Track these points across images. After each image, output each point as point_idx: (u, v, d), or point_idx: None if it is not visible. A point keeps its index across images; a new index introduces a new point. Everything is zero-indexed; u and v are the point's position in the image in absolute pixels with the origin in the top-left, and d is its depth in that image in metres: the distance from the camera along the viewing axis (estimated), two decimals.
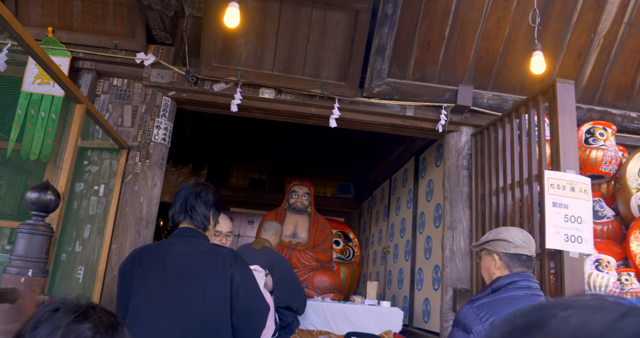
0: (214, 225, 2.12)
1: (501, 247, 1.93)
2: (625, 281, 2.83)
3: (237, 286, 1.87)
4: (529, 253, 1.91)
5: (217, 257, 1.91)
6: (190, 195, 2.04)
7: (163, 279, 1.89)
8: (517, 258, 1.91)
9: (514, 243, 1.92)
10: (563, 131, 2.76)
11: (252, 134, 6.85)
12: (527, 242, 1.93)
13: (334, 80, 3.65)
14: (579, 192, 2.68)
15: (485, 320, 1.74)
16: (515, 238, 1.93)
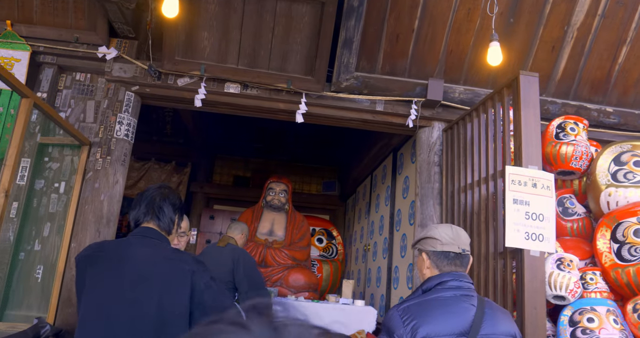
0: (176, 230, 2.03)
1: (429, 246, 1.84)
2: (590, 280, 2.74)
3: (201, 292, 1.79)
4: (457, 250, 1.82)
5: (177, 264, 1.81)
6: (158, 196, 1.96)
7: (117, 282, 1.80)
8: (445, 256, 1.81)
9: (441, 241, 1.83)
10: (526, 125, 2.67)
11: (236, 131, 6.77)
12: (456, 238, 1.84)
13: (300, 75, 3.57)
14: (542, 188, 2.59)
15: (407, 324, 1.66)
16: (443, 235, 1.84)
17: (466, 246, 1.87)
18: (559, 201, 3.29)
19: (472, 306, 1.73)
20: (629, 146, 3.06)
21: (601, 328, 2.46)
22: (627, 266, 2.68)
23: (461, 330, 1.67)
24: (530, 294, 2.47)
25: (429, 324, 1.66)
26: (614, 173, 3.02)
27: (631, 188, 2.92)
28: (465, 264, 1.86)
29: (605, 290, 2.72)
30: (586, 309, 2.55)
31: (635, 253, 2.69)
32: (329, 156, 7.07)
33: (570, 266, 2.62)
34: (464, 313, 1.70)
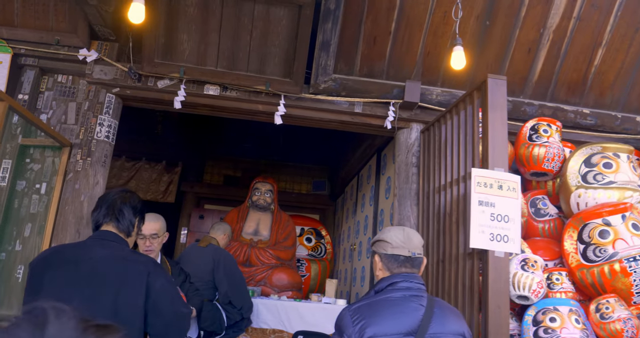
0: (137, 233, 2.08)
1: (381, 248, 1.89)
2: (556, 281, 2.78)
3: (157, 294, 1.82)
4: (407, 253, 1.86)
5: (135, 265, 1.85)
6: (119, 199, 2.01)
7: (74, 282, 1.84)
8: (395, 259, 1.86)
9: (392, 244, 1.87)
10: (493, 128, 2.71)
11: (226, 131, 6.82)
12: (407, 242, 1.88)
13: (279, 77, 3.61)
14: (507, 190, 2.63)
15: (356, 324, 1.70)
16: (394, 238, 1.88)
17: (418, 249, 1.91)
18: (532, 202, 3.33)
19: (421, 306, 1.77)
20: (599, 148, 3.09)
21: (562, 327, 2.51)
22: (592, 267, 2.72)
23: (409, 329, 1.71)
24: (494, 294, 2.51)
25: (377, 324, 1.70)
26: (584, 174, 3.06)
27: (600, 189, 2.96)
28: (417, 266, 1.90)
29: (571, 290, 2.76)
30: (549, 309, 2.60)
31: (600, 254, 2.73)
32: (319, 156, 7.11)
33: (535, 267, 2.67)
34: (413, 312, 1.75)
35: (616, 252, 2.69)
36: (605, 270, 2.66)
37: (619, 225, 2.74)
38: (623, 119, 3.90)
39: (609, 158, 3.05)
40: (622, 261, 2.63)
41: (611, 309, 2.54)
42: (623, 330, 2.48)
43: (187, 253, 3.85)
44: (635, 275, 2.61)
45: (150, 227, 3.03)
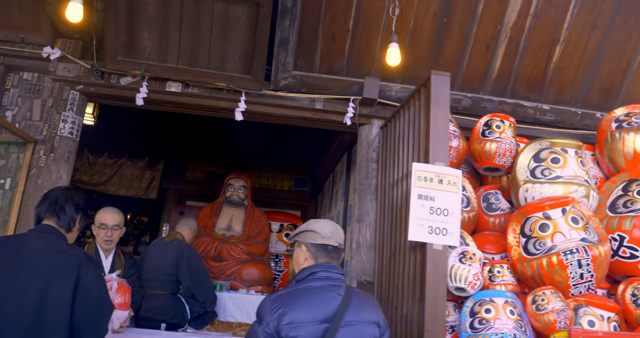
0: (79, 229, 2.14)
1: (309, 238, 1.96)
2: (498, 273, 2.83)
3: (85, 286, 1.88)
4: (335, 243, 1.94)
5: (68, 257, 1.91)
6: (62, 196, 2.08)
7: (9, 272, 1.91)
8: (324, 248, 1.93)
9: (321, 234, 1.95)
10: (435, 123, 2.76)
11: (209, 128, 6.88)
12: (334, 233, 1.96)
13: (239, 74, 3.66)
14: (447, 184, 2.68)
15: (275, 311, 1.77)
16: (323, 229, 1.96)
17: (342, 240, 1.99)
18: (484, 196, 3.38)
19: (339, 295, 1.84)
20: (548, 143, 3.14)
21: (496, 318, 2.56)
22: (532, 259, 2.77)
23: (325, 317, 1.78)
24: (432, 285, 2.57)
25: (294, 311, 1.76)
26: (533, 169, 3.10)
27: (546, 184, 3.01)
28: (338, 257, 1.98)
29: (512, 282, 2.81)
30: (485, 300, 2.65)
31: (540, 247, 2.78)
32: (300, 153, 7.16)
33: (473, 259, 2.72)
34: (330, 301, 1.81)
35: (554, 245, 2.74)
36: (543, 263, 2.71)
37: (559, 219, 2.79)
38: (583, 115, 3.94)
39: (557, 153, 3.10)
40: (560, 254, 2.68)
41: (546, 301, 2.59)
42: (556, 321, 2.53)
43: (152, 247, 3.92)
44: (572, 267, 2.66)
45: (114, 218, 3.13)
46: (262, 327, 1.77)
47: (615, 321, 2.70)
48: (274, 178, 7.34)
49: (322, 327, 1.75)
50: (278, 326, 1.74)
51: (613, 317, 2.70)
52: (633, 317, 2.74)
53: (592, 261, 2.67)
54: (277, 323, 1.74)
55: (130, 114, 6.63)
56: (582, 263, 2.66)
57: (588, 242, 2.73)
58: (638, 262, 2.92)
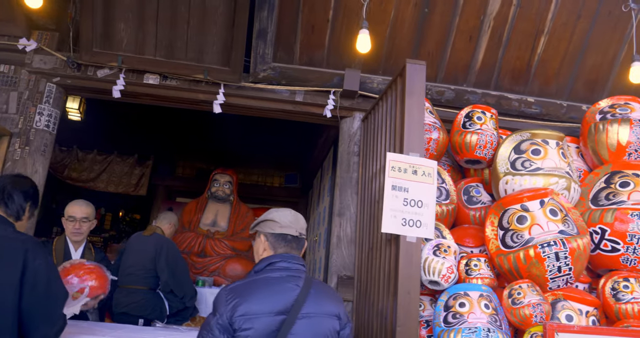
0: (29, 217, 2.10)
1: (269, 228, 1.91)
2: (474, 267, 2.76)
3: (33, 272, 1.84)
4: (295, 233, 1.88)
5: (14, 242, 1.88)
6: (10, 184, 2.04)
7: None
8: (283, 238, 1.88)
9: (280, 223, 1.89)
10: (409, 113, 2.70)
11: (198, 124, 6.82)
12: (294, 222, 1.90)
13: (217, 65, 3.61)
14: (422, 175, 2.62)
15: (229, 303, 1.71)
16: (282, 218, 1.90)
17: (303, 230, 1.93)
18: (465, 189, 3.32)
19: (297, 286, 1.78)
20: (529, 135, 3.07)
21: (470, 312, 2.49)
22: (509, 252, 2.70)
23: (281, 308, 1.72)
24: (405, 279, 2.50)
25: (249, 303, 1.71)
26: (513, 161, 3.04)
27: (526, 176, 2.94)
28: (299, 247, 1.92)
29: (488, 276, 2.75)
30: (460, 294, 2.58)
31: (517, 239, 2.71)
32: (291, 149, 7.10)
33: (447, 252, 2.65)
34: (287, 292, 1.75)
35: (532, 237, 2.67)
36: (520, 256, 2.64)
37: (537, 211, 2.72)
38: (569, 107, 3.88)
39: (538, 144, 3.03)
40: (537, 247, 2.61)
41: (523, 294, 2.53)
42: (532, 315, 2.46)
43: (131, 241, 3.87)
44: (549, 260, 2.59)
45: (82, 210, 3.09)
46: (215, 318, 1.71)
47: (594, 315, 2.64)
48: (264, 175, 7.29)
49: (278, 318, 1.70)
50: (231, 317, 1.68)
51: (592, 311, 2.63)
52: (612, 311, 2.67)
53: (570, 254, 2.60)
54: (230, 315, 1.68)
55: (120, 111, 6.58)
56: (560, 256, 2.60)
57: (566, 235, 2.66)
58: (619, 256, 2.86)
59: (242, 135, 7.00)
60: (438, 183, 3.14)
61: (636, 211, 2.85)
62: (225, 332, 1.68)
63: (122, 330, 2.52)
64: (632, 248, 2.83)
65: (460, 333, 2.42)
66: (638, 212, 2.84)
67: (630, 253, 2.84)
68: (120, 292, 3.63)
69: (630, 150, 3.15)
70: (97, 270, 2.65)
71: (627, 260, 2.85)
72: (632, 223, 2.83)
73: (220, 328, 1.69)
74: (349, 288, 3.46)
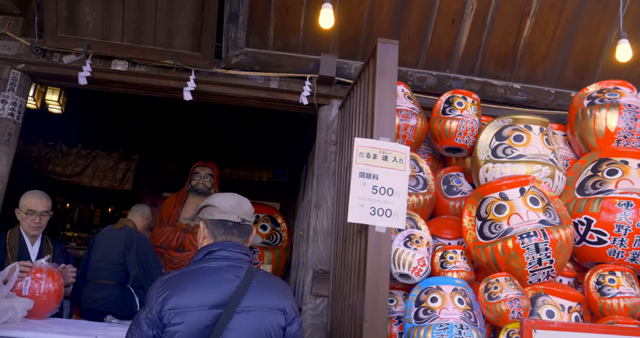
0: None
1: (208, 214, 1.76)
2: (450, 259, 2.60)
3: None
4: (236, 219, 1.72)
5: None
6: None
7: None
8: (222, 224, 1.72)
9: (220, 209, 1.74)
10: (380, 95, 2.54)
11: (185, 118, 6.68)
12: (236, 208, 1.75)
13: (187, 51, 3.45)
14: (393, 161, 2.46)
15: (160, 295, 1.57)
16: (223, 203, 1.75)
17: (247, 216, 1.77)
18: (445, 179, 3.15)
19: (237, 277, 1.63)
20: (511, 120, 2.91)
21: (442, 307, 2.33)
22: (487, 244, 2.54)
23: (216, 301, 1.56)
24: (373, 271, 2.35)
25: (180, 295, 1.56)
26: (495, 148, 2.87)
27: (508, 163, 2.78)
28: (244, 234, 1.77)
29: (465, 269, 2.58)
30: (432, 288, 2.42)
31: (495, 230, 2.55)
32: (280, 143, 6.95)
33: (419, 243, 2.49)
34: (225, 284, 1.60)
35: (511, 227, 2.51)
36: (498, 248, 2.48)
37: (516, 199, 2.56)
38: (557, 94, 3.71)
39: (520, 130, 2.87)
40: (516, 237, 2.45)
41: (500, 289, 2.36)
42: (509, 311, 2.30)
43: (100, 235, 3.73)
44: (529, 252, 2.43)
45: (43, 204, 2.95)
46: (145, 312, 1.57)
47: (577, 311, 2.47)
48: (252, 170, 7.13)
49: (213, 312, 1.54)
50: (161, 311, 1.53)
51: (575, 306, 2.47)
52: (597, 307, 2.51)
53: (551, 245, 2.44)
54: (160, 308, 1.53)
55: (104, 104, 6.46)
56: (540, 247, 2.43)
57: (548, 225, 2.50)
58: (606, 248, 2.69)
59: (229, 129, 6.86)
60: (415, 171, 2.97)
61: (624, 200, 2.68)
62: (155, 326, 1.53)
63: (71, 325, 2.37)
64: (620, 240, 2.66)
65: (430, 330, 2.26)
66: (626, 202, 2.68)
67: (618, 245, 2.67)
68: (89, 286, 3.50)
69: (619, 137, 2.98)
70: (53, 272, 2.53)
71: (614, 252, 2.68)
72: (619, 214, 2.66)
73: (149, 322, 1.54)
74: (324, 283, 3.30)
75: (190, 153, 7.24)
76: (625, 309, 2.44)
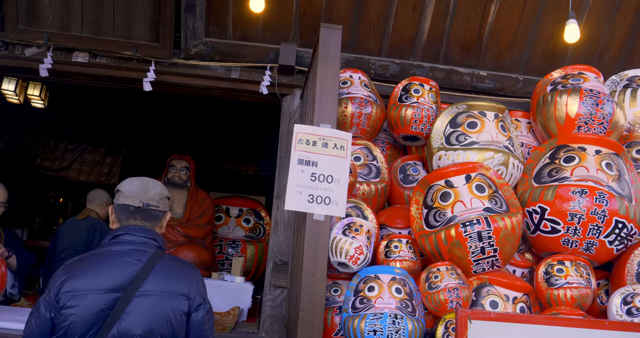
0: None
1: (116, 198, 1.74)
2: (395, 248, 2.55)
3: None
4: (137, 203, 1.70)
5: None
6: None
7: None
8: (125, 209, 1.70)
9: (124, 193, 1.72)
10: (322, 81, 2.50)
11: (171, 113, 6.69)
12: (141, 192, 1.72)
13: (146, 41, 3.44)
14: (334, 148, 2.41)
15: (59, 278, 1.57)
16: (127, 188, 1.73)
17: (153, 201, 1.74)
18: (402, 168, 3.10)
19: (139, 261, 1.60)
20: (465, 106, 2.84)
21: (378, 297, 2.28)
22: (431, 233, 2.48)
23: (115, 285, 1.54)
24: (310, 260, 2.32)
25: (77, 278, 1.55)
26: (448, 135, 2.81)
27: (460, 151, 2.72)
28: (150, 219, 1.73)
29: (409, 258, 2.53)
30: (370, 277, 2.37)
31: (440, 218, 2.49)
32: (265, 136, 6.92)
33: (359, 231, 2.44)
34: (125, 268, 1.58)
35: (454, 216, 2.45)
36: (442, 237, 2.42)
37: (461, 187, 2.50)
38: (525, 81, 3.62)
39: (474, 117, 2.80)
40: (459, 226, 2.39)
41: (440, 278, 2.31)
42: (447, 301, 2.24)
43: (64, 226, 3.76)
44: (471, 241, 2.37)
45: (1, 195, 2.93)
46: (44, 295, 1.56)
47: (523, 302, 2.41)
48: (239, 164, 7.12)
49: (110, 296, 1.52)
50: (57, 294, 1.52)
51: (521, 297, 2.41)
52: (544, 297, 2.45)
53: (495, 233, 2.38)
54: (57, 291, 1.52)
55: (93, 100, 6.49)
56: (483, 236, 2.38)
57: (492, 213, 2.43)
58: (560, 237, 2.62)
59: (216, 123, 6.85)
60: (367, 160, 2.93)
61: (578, 188, 2.61)
62: (52, 309, 1.52)
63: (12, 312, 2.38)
64: (573, 229, 2.59)
65: (364, 319, 2.21)
66: (580, 189, 2.60)
67: (571, 234, 2.60)
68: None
69: (579, 123, 2.90)
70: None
71: (567, 241, 2.61)
72: (573, 202, 2.59)
73: (46, 305, 1.53)
74: (283, 274, 3.27)
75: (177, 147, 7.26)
76: (572, 300, 2.37)
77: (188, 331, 1.60)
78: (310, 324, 2.26)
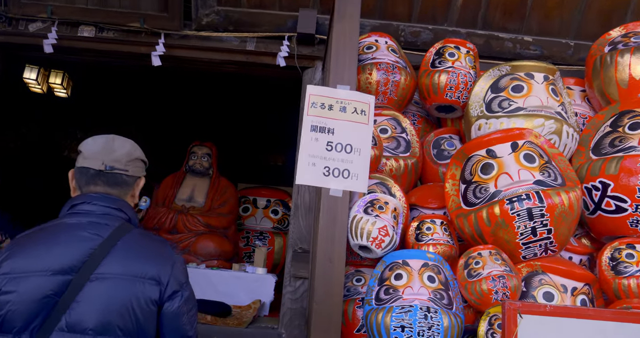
0: None
1: (77, 161, 1.43)
2: (427, 230, 2.18)
3: None
4: (98, 166, 1.38)
5: None
6: None
7: None
8: (84, 173, 1.40)
9: (84, 154, 1.42)
10: (337, 39, 2.17)
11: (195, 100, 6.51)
12: (104, 153, 1.40)
13: (154, 11, 3.19)
14: (353, 113, 2.08)
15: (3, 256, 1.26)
16: (88, 147, 1.42)
17: (118, 163, 1.40)
18: (435, 142, 2.72)
19: (98, 236, 1.28)
20: (508, 68, 2.45)
21: (407, 286, 1.92)
22: (470, 211, 2.10)
23: (64, 265, 1.23)
24: (325, 243, 1.99)
25: (18, 257, 1.25)
26: (489, 102, 2.42)
27: (503, 118, 2.33)
28: (115, 185, 1.40)
29: (444, 242, 2.16)
30: (397, 263, 2.00)
31: (480, 194, 2.11)
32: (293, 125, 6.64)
33: (383, 209, 2.08)
34: (78, 244, 1.26)
35: (498, 190, 2.06)
36: (483, 215, 2.04)
37: (507, 157, 2.11)
38: (577, 47, 3.18)
39: (520, 79, 2.40)
40: (504, 202, 2.00)
41: (482, 264, 1.93)
42: (491, 291, 1.87)
43: None
44: (520, 220, 1.98)
45: None
46: None
47: (584, 293, 2.01)
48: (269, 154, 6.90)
49: (58, 279, 1.22)
50: None
51: (582, 288, 2.00)
52: (611, 288, 2.03)
53: (549, 211, 1.98)
54: None
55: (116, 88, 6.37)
56: (534, 213, 1.98)
57: (545, 186, 2.04)
58: (626, 217, 2.19)
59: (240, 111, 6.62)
60: (396, 132, 2.57)
61: None
62: None
63: None
64: None
65: (390, 313, 1.86)
66: None
67: None
68: None
69: None
70: None
71: (636, 222, 2.18)
72: None
73: None
74: (303, 264, 2.96)
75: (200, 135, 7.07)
76: None
77: (161, 323, 1.27)
78: (326, 319, 1.92)
